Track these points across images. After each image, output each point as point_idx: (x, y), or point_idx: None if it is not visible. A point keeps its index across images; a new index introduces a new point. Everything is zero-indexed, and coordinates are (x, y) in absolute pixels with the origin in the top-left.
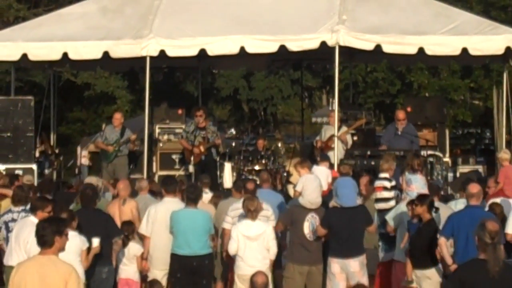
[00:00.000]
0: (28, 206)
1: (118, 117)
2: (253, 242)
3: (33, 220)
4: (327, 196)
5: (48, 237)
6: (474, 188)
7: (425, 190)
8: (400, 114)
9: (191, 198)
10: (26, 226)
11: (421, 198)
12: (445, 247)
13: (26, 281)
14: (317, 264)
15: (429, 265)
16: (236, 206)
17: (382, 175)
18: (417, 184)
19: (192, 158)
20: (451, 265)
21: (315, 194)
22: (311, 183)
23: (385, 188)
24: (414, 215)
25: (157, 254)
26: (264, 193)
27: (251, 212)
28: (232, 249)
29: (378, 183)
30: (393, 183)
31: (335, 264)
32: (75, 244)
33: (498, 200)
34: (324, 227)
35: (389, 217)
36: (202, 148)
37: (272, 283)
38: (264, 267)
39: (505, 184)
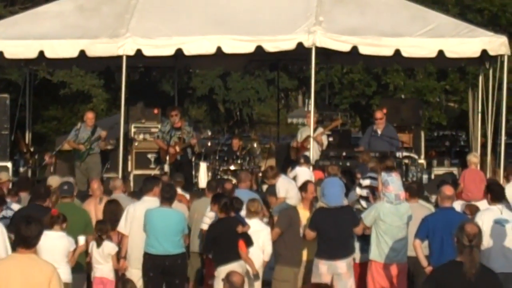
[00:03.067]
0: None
1: (90, 116)
2: None
3: None
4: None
5: (33, 238)
6: (448, 190)
7: (402, 191)
8: (378, 114)
9: (166, 197)
10: None
11: None
12: (419, 248)
13: (8, 281)
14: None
15: None
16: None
17: (373, 174)
18: (394, 185)
19: (167, 158)
20: (426, 267)
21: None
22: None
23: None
24: None
25: (135, 253)
26: (242, 193)
27: (251, 213)
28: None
29: (375, 183)
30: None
31: (322, 265)
32: (63, 245)
33: (457, 203)
34: (312, 229)
35: (365, 216)
36: (177, 148)
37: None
38: (258, 265)
39: (465, 188)
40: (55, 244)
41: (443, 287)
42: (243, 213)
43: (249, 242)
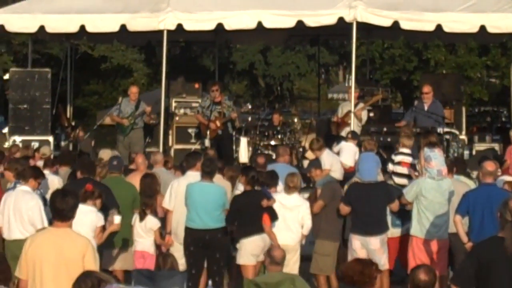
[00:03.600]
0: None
1: (134, 91)
2: (289, 213)
3: (25, 189)
4: (353, 173)
5: (68, 211)
6: (490, 166)
7: (444, 167)
8: (425, 88)
9: (206, 172)
10: (23, 196)
11: None
12: (460, 224)
13: (42, 254)
14: None
15: None
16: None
17: (406, 150)
18: (436, 161)
19: (208, 133)
20: (466, 242)
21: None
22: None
23: (411, 165)
24: None
25: (180, 228)
26: (280, 167)
27: (290, 188)
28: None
29: (406, 159)
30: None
31: (356, 241)
32: (91, 220)
33: (507, 178)
34: (346, 204)
35: (406, 191)
36: (218, 123)
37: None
38: (294, 241)
39: None
40: (81, 218)
41: (485, 262)
42: (280, 188)
43: (273, 216)
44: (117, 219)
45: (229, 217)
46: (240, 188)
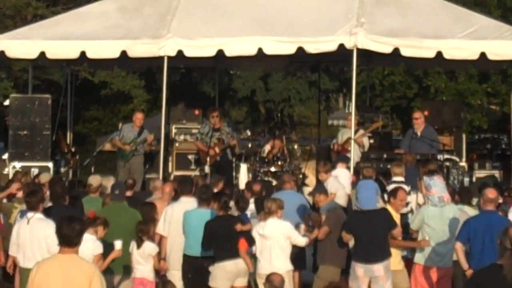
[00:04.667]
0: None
1: (140, 117)
2: (267, 241)
3: (39, 216)
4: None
5: (75, 237)
6: (491, 193)
7: (445, 193)
8: (416, 114)
9: (203, 198)
10: (38, 224)
11: None
12: (461, 251)
13: (48, 281)
14: None
15: None
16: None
17: (398, 178)
18: (437, 188)
19: (207, 159)
20: (467, 270)
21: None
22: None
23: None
24: None
25: (174, 254)
26: (287, 194)
27: (264, 213)
28: (253, 249)
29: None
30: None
31: (359, 268)
32: (88, 248)
33: None
34: (348, 232)
35: (411, 220)
36: (217, 149)
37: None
38: (284, 267)
39: None
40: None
41: None
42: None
43: (250, 241)
44: (118, 244)
45: (204, 243)
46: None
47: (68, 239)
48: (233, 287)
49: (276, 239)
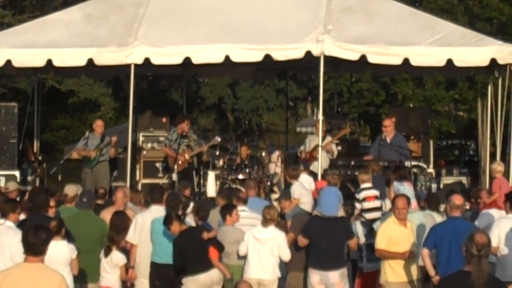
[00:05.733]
0: None
1: (100, 124)
2: (262, 246)
3: (9, 224)
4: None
5: (41, 245)
6: (458, 199)
7: (414, 201)
8: (386, 122)
9: (171, 206)
10: (5, 232)
11: None
12: (427, 258)
13: None
14: None
15: None
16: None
17: (366, 185)
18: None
19: (176, 167)
20: (433, 276)
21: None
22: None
23: (376, 197)
24: None
25: (143, 263)
26: (251, 201)
27: (267, 220)
28: (241, 251)
29: (369, 193)
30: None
31: (315, 275)
32: (64, 253)
33: (492, 211)
34: (305, 236)
35: (377, 225)
36: (187, 156)
37: None
38: (270, 275)
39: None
40: (53, 255)
41: None
42: (251, 221)
43: (219, 247)
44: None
45: (176, 262)
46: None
47: (34, 248)
48: None
49: (271, 246)
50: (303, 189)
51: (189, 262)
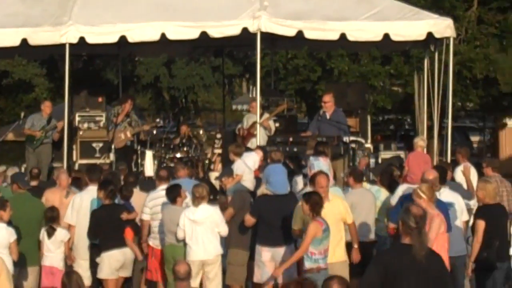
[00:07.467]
0: None
1: (48, 105)
2: (199, 227)
3: None
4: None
5: None
6: (431, 174)
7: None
8: (325, 97)
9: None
10: None
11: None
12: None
13: None
14: None
15: None
16: (153, 196)
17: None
18: (317, 170)
19: (113, 146)
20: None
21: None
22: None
23: None
24: None
25: (82, 244)
26: (182, 182)
27: (196, 198)
28: (179, 236)
29: None
30: None
31: (266, 252)
32: (2, 236)
33: (402, 186)
34: (253, 215)
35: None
36: (128, 134)
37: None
38: (210, 254)
39: (410, 170)
40: None
41: (392, 270)
42: (161, 200)
43: (136, 229)
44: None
45: (90, 232)
46: (150, 205)
47: None
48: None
49: (207, 224)
50: (245, 167)
51: (102, 237)
